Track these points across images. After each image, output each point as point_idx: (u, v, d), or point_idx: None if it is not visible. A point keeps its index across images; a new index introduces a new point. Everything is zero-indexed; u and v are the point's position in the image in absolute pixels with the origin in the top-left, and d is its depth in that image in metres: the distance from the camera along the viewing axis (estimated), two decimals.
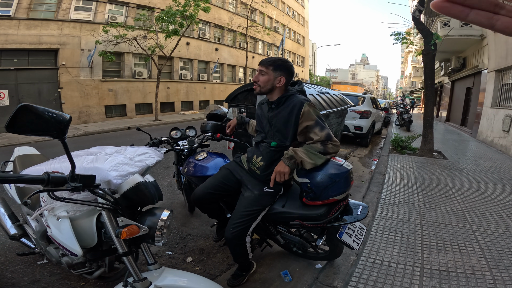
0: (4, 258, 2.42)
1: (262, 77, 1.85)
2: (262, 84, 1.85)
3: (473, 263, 2.42)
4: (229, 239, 1.90)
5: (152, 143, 2.60)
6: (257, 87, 1.87)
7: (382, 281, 2.17)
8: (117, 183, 1.35)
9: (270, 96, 1.92)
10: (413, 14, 6.92)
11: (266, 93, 1.89)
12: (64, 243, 1.36)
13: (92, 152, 1.57)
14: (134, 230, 1.28)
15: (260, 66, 1.87)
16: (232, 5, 21.77)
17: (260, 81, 1.85)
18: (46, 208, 1.43)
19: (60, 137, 1.06)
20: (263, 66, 1.86)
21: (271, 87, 1.86)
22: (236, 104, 4.49)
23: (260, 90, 1.87)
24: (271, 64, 1.84)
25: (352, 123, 7.91)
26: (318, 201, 1.72)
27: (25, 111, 0.98)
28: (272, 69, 1.84)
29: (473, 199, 3.98)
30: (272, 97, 1.90)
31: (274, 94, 1.89)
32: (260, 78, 1.85)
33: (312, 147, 1.74)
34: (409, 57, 42.63)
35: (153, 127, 11.97)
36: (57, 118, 1.04)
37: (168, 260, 2.49)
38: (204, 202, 2.16)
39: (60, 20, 11.83)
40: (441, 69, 16.59)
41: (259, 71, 1.87)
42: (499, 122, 8.73)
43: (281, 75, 1.85)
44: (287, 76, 1.87)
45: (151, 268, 1.40)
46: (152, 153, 1.64)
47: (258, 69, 1.87)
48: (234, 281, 2.14)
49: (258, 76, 1.86)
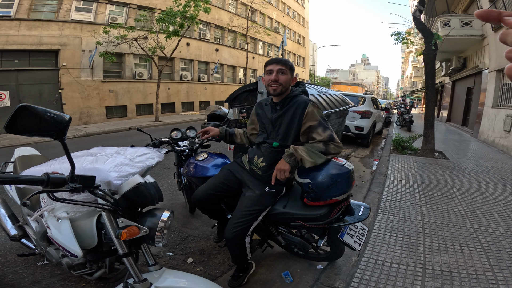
0: (4, 259, 2.41)
1: (283, 76, 1.82)
2: (284, 83, 1.82)
3: (475, 264, 2.40)
4: (229, 239, 1.89)
5: (152, 143, 2.59)
6: (279, 86, 1.82)
7: (384, 281, 2.16)
8: (117, 184, 1.34)
9: (278, 97, 1.89)
10: (414, 14, 6.91)
11: (284, 92, 1.86)
12: (64, 244, 1.35)
13: (92, 153, 1.56)
14: (134, 231, 1.27)
15: (281, 65, 1.82)
16: (232, 6, 21.78)
17: (282, 80, 1.81)
18: (46, 209, 1.42)
19: (60, 137, 1.05)
20: (282, 65, 1.82)
21: (288, 87, 1.86)
22: (237, 105, 4.48)
23: (281, 90, 1.83)
24: (288, 64, 1.85)
25: (353, 123, 7.90)
26: (320, 201, 1.71)
27: (25, 111, 0.97)
28: (289, 69, 1.84)
29: (474, 200, 3.96)
30: (279, 98, 1.89)
31: (283, 95, 1.88)
32: (281, 77, 1.81)
33: (314, 146, 1.74)
34: (410, 57, 42.64)
35: (153, 127, 11.98)
36: (57, 119, 1.03)
37: (169, 261, 2.48)
38: (205, 203, 2.15)
39: (60, 21, 11.85)
40: (441, 69, 16.57)
41: (278, 70, 1.81)
42: (500, 122, 8.71)
43: (293, 74, 1.88)
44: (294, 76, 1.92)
45: (152, 269, 1.39)
46: (152, 153, 1.63)
47: (277, 68, 1.82)
48: (234, 282, 2.13)
49: (278, 76, 1.81)
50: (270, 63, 1.86)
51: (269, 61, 1.88)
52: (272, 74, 1.82)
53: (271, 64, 1.84)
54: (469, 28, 11.18)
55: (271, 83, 1.82)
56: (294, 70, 1.92)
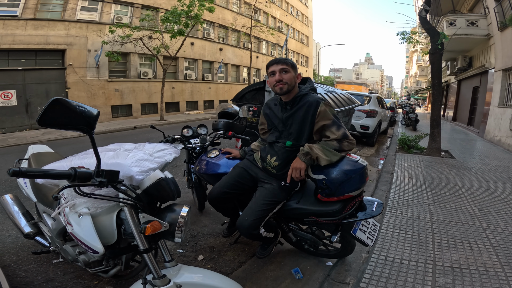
0: (16, 257, 2.40)
1: (286, 75, 1.85)
2: (289, 81, 1.85)
3: (485, 260, 2.41)
4: (244, 228, 1.90)
5: (165, 140, 2.62)
6: (285, 85, 1.85)
7: (395, 277, 2.17)
8: (139, 179, 1.36)
9: (287, 96, 1.91)
10: (420, 13, 6.89)
11: (290, 91, 1.89)
12: (86, 240, 1.35)
13: (111, 149, 1.59)
14: (157, 226, 1.30)
15: (282, 65, 1.86)
16: (236, 5, 21.81)
17: (286, 78, 1.84)
18: (68, 205, 1.42)
19: (89, 131, 1.08)
20: (283, 64, 1.86)
21: (294, 84, 1.88)
22: (244, 104, 4.51)
23: (288, 88, 1.86)
24: (289, 62, 1.88)
25: (358, 122, 7.90)
26: (334, 197, 1.74)
27: (58, 104, 0.99)
28: (291, 67, 1.87)
29: (482, 198, 3.96)
30: (289, 96, 1.91)
31: (291, 93, 1.90)
32: (285, 76, 1.85)
33: (328, 144, 1.76)
34: (414, 57, 42.36)
35: (158, 127, 11.84)
36: (87, 113, 1.06)
37: (180, 258, 2.49)
38: (220, 202, 2.18)
39: (66, 20, 11.95)
40: (447, 69, 16.48)
41: (280, 70, 1.85)
42: (506, 121, 8.66)
43: (296, 72, 1.91)
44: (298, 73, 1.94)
45: (168, 266, 1.39)
46: (169, 149, 1.65)
47: (279, 68, 1.85)
48: (263, 252, 2.21)
49: (281, 75, 1.85)
50: (271, 64, 1.90)
51: (269, 63, 1.92)
52: (275, 74, 1.86)
53: (272, 66, 1.88)
54: (474, 28, 11.12)
55: (277, 84, 1.86)
56: (296, 67, 1.94)
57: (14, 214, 2.13)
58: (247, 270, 2.31)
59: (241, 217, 1.92)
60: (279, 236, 2.29)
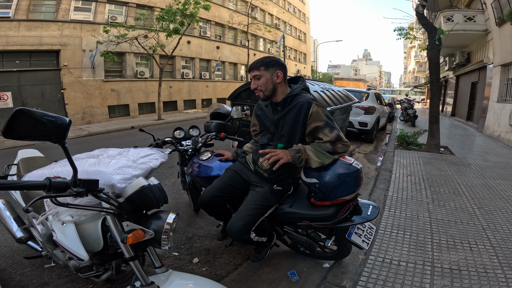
0: (11, 260, 2.40)
1: (259, 81, 1.77)
2: (263, 88, 1.78)
3: (484, 262, 2.37)
4: (233, 232, 1.82)
5: (155, 143, 2.56)
6: (260, 92, 1.79)
7: (392, 280, 2.12)
8: (121, 187, 1.31)
9: (275, 97, 1.84)
10: (417, 9, 6.82)
11: (271, 95, 1.81)
12: (70, 247, 1.33)
13: (94, 155, 1.54)
14: (140, 235, 1.24)
15: (252, 72, 1.79)
16: (232, 3, 21.67)
17: (260, 85, 1.77)
18: (51, 213, 1.40)
19: (60, 141, 1.01)
20: (254, 71, 1.78)
21: (273, 87, 1.79)
22: (240, 102, 4.45)
23: (264, 94, 1.79)
24: (261, 64, 1.77)
25: (357, 119, 7.85)
26: (327, 201, 1.68)
27: (22, 115, 0.93)
28: (264, 69, 1.77)
29: (482, 196, 3.91)
30: (277, 98, 1.84)
31: (278, 95, 1.82)
32: (258, 83, 1.78)
33: (321, 146, 1.69)
34: (412, 52, 42.30)
35: (156, 126, 11.97)
36: (56, 122, 0.99)
37: (175, 261, 2.45)
38: (212, 205, 2.12)
39: (60, 21, 11.83)
40: (445, 64, 16.43)
41: (253, 78, 1.79)
42: (505, 117, 8.63)
43: (275, 70, 1.78)
44: (281, 69, 1.80)
45: (158, 272, 1.36)
46: (156, 154, 1.59)
47: (251, 76, 1.80)
48: (257, 255, 2.17)
49: (255, 82, 1.78)
50: (248, 72, 1.85)
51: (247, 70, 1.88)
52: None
53: (249, 74, 1.83)
54: (472, 23, 11.05)
55: (255, 91, 1.81)
56: (277, 64, 1.79)
57: (6, 219, 2.11)
58: (243, 273, 2.27)
59: (230, 221, 1.85)
60: (274, 240, 2.25)
